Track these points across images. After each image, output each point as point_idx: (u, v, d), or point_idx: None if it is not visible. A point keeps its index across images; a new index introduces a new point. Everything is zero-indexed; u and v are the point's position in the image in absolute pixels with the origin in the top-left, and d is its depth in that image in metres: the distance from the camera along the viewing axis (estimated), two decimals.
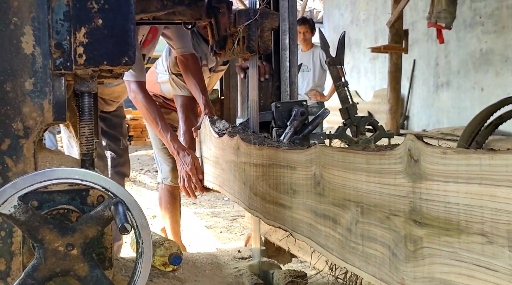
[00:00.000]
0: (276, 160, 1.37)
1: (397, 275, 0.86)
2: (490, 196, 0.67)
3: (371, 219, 0.94)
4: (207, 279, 1.44)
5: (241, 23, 1.54)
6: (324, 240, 1.12)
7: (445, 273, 0.75)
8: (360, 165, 0.97)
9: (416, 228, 0.81)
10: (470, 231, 0.71)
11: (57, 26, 1.15)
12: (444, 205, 0.75)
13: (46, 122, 1.18)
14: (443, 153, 0.75)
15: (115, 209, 0.99)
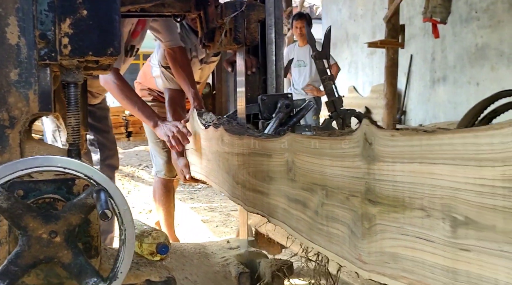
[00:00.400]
0: (254, 149, 1.41)
1: (355, 251, 0.91)
2: (429, 173, 0.72)
3: (334, 201, 0.99)
4: (194, 268, 1.45)
5: (227, 15, 1.54)
6: (295, 223, 1.17)
7: (393, 247, 0.81)
8: (325, 150, 1.03)
9: (370, 207, 0.87)
10: (413, 207, 0.76)
11: (42, 16, 1.16)
12: (392, 184, 0.81)
13: (32, 112, 1.20)
14: (392, 135, 0.81)
15: (97, 197, 1.00)
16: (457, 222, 0.68)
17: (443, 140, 0.70)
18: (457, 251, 0.68)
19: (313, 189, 1.08)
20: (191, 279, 1.42)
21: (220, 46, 1.70)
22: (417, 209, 0.75)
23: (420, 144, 0.75)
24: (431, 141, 0.72)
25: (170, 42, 2.40)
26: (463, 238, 0.68)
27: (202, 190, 5.49)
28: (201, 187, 5.52)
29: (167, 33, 2.39)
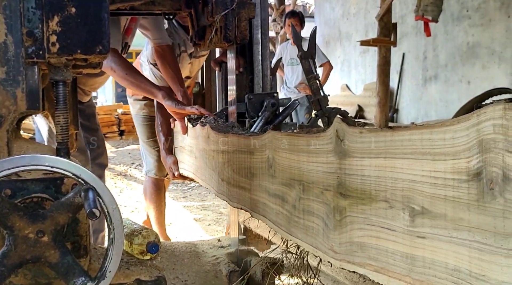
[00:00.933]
0: (238, 146, 1.46)
1: (328, 242, 0.97)
2: (391, 167, 0.78)
3: (310, 195, 1.04)
4: (185, 267, 1.45)
5: (218, 12, 1.54)
6: (275, 217, 1.22)
7: (361, 237, 0.87)
8: (302, 147, 1.08)
9: (341, 200, 0.92)
10: (378, 199, 0.82)
11: (29, 14, 1.15)
12: (361, 178, 0.87)
13: (20, 111, 1.18)
14: (360, 132, 0.87)
15: (85, 195, 1.00)
16: (414, 212, 0.73)
17: (404, 136, 0.76)
18: (414, 239, 0.74)
19: (291, 184, 1.12)
20: (181, 279, 1.41)
21: (211, 44, 1.70)
22: (381, 201, 0.81)
23: (384, 140, 0.80)
24: (394, 137, 0.78)
25: (159, 40, 2.39)
26: (419, 226, 0.73)
27: (195, 188, 5.48)
28: (194, 185, 5.51)
29: (155, 31, 2.38)
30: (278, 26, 8.22)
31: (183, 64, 2.60)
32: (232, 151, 1.51)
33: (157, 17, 2.34)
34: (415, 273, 0.74)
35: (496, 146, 0.60)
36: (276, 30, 8.31)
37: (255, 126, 1.73)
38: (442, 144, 0.68)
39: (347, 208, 0.90)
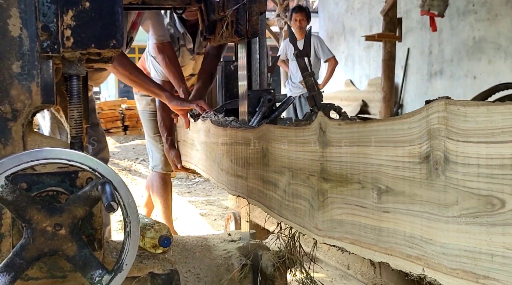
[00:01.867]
0: (236, 138, 1.60)
1: (313, 221, 1.10)
2: (363, 154, 0.92)
3: (298, 180, 1.17)
4: (197, 260, 1.46)
5: (229, 7, 1.54)
6: (269, 202, 1.35)
7: (339, 215, 1.00)
8: (291, 138, 1.21)
9: (324, 183, 1.05)
10: (352, 181, 0.95)
11: (44, 8, 1.15)
12: (339, 163, 1.00)
13: (35, 105, 1.19)
14: (339, 124, 1.00)
15: (102, 189, 1.00)
16: (381, 190, 0.87)
17: (373, 127, 0.90)
18: (381, 213, 0.87)
19: (282, 171, 1.26)
20: (194, 272, 1.42)
21: (221, 39, 1.70)
22: (355, 182, 0.94)
23: (358, 131, 0.94)
24: (365, 128, 0.92)
25: (161, 37, 2.40)
26: (384, 203, 0.86)
27: (200, 184, 5.49)
28: (199, 180, 5.52)
29: (157, 28, 2.39)
30: (282, 21, 8.20)
31: (184, 59, 2.61)
32: (231, 143, 1.63)
33: (159, 14, 2.37)
34: (381, 242, 0.87)
35: (440, 134, 0.73)
36: (280, 25, 8.29)
37: (253, 120, 1.82)
38: (402, 134, 0.82)
39: (328, 190, 1.03)
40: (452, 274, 0.72)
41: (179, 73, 2.40)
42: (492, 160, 0.66)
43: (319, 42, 5.44)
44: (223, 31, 1.63)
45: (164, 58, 2.39)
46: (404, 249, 0.82)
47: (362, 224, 0.92)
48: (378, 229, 0.88)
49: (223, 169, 1.71)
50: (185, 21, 2.47)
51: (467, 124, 0.69)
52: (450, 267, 0.72)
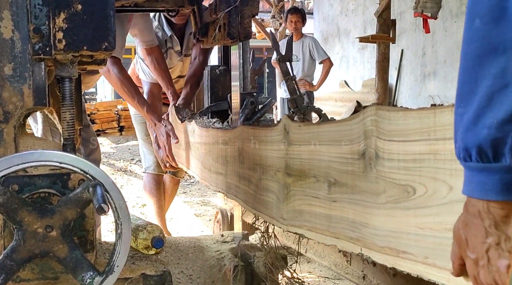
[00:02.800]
0: (217, 138, 1.74)
1: (279, 212, 1.23)
2: (318, 151, 1.04)
3: (267, 176, 1.30)
4: (190, 261, 1.46)
5: (221, 9, 1.55)
6: (244, 196, 1.48)
7: (300, 205, 1.12)
8: (262, 138, 1.34)
9: (288, 178, 1.17)
10: (309, 175, 1.08)
11: (36, 11, 1.16)
12: (300, 160, 1.12)
13: (27, 107, 1.19)
14: (299, 126, 1.13)
15: (93, 191, 1.01)
16: (330, 183, 1.00)
17: (324, 128, 1.04)
18: (331, 203, 1.00)
19: (255, 168, 1.39)
20: (186, 273, 1.43)
21: (214, 41, 1.71)
22: (312, 177, 1.07)
23: (313, 131, 1.07)
24: (319, 129, 1.06)
25: (149, 42, 2.44)
26: (333, 193, 0.99)
27: (195, 184, 5.49)
28: (194, 181, 5.52)
29: (145, 33, 2.43)
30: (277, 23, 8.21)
31: (172, 61, 2.65)
32: (212, 143, 1.79)
33: (147, 19, 2.42)
34: (331, 227, 1.01)
35: (372, 134, 0.86)
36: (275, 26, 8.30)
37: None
38: (345, 134, 0.95)
39: (291, 184, 1.16)
40: (381, 251, 0.85)
41: (167, 76, 2.46)
42: (407, 156, 0.79)
43: (314, 43, 5.46)
44: (215, 33, 1.64)
45: (153, 60, 2.45)
46: (348, 233, 0.95)
47: (317, 213, 1.06)
48: (329, 217, 1.02)
49: (206, 167, 1.87)
50: (173, 24, 2.53)
51: (391, 126, 0.82)
52: (380, 246, 0.86)
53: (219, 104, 2.16)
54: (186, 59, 2.68)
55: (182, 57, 2.66)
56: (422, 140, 0.75)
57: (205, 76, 2.31)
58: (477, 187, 0.55)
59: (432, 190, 0.73)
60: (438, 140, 0.73)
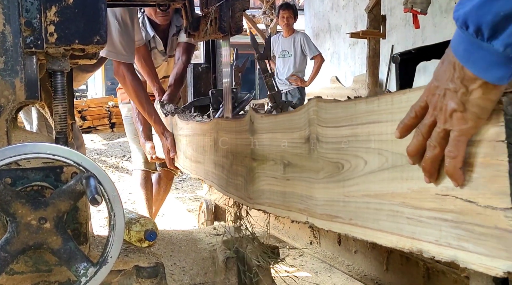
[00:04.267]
0: (196, 130, 1.92)
1: (247, 193, 1.38)
2: (275, 138, 1.20)
3: (237, 161, 1.46)
4: (183, 254, 1.48)
5: (212, 4, 1.56)
6: (219, 181, 1.63)
7: (263, 185, 1.28)
8: (232, 128, 1.50)
9: (253, 162, 1.33)
10: (269, 159, 1.24)
11: (27, 4, 1.16)
12: (262, 147, 1.28)
13: (19, 101, 1.20)
14: (261, 117, 1.29)
15: (87, 183, 1.02)
16: (285, 164, 1.15)
17: (280, 118, 1.21)
18: (285, 181, 1.16)
19: (227, 155, 1.54)
20: (179, 265, 1.44)
21: (205, 35, 1.72)
22: (271, 160, 1.23)
23: (272, 121, 1.23)
24: (276, 119, 1.22)
25: (137, 41, 2.50)
26: (287, 173, 1.15)
27: (187, 180, 5.49)
28: (186, 177, 5.53)
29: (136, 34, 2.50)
30: (268, 19, 8.21)
31: (157, 61, 2.74)
32: (192, 134, 1.97)
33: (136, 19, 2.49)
34: (285, 202, 1.16)
35: (314, 122, 1.02)
36: (266, 22, 8.30)
37: (217, 115, 2.11)
38: (295, 122, 1.10)
39: (256, 167, 1.32)
40: (320, 218, 1.02)
41: (154, 73, 2.59)
42: (338, 138, 0.95)
43: (306, 39, 5.47)
44: (207, 27, 1.65)
45: (140, 58, 2.54)
46: (297, 205, 1.10)
47: (275, 191, 1.22)
48: (284, 193, 1.18)
49: (187, 156, 2.06)
50: (156, 25, 2.64)
51: (327, 115, 0.98)
52: (319, 213, 1.02)
53: (201, 100, 2.36)
54: (170, 60, 2.79)
55: (167, 58, 2.75)
56: (347, 125, 0.92)
57: (189, 73, 2.46)
58: (463, 52, 0.61)
59: (354, 165, 0.90)
60: (358, 125, 0.89)
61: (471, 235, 0.67)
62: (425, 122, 0.67)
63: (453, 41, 0.63)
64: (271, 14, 8.04)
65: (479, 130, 0.64)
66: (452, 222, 0.69)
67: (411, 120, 0.70)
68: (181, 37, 2.63)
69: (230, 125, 1.52)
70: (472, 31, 0.59)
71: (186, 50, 2.60)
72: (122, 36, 2.23)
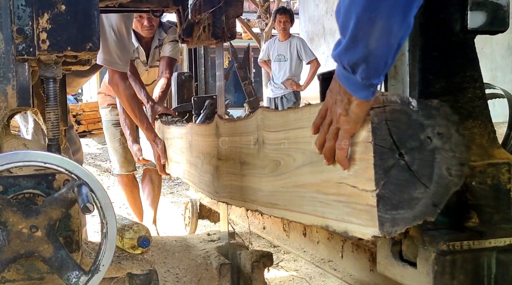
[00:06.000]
0: (174, 134, 2.18)
1: (214, 188, 1.62)
2: (235, 141, 1.42)
3: (206, 161, 1.69)
4: (176, 260, 1.47)
5: (206, 10, 1.56)
6: (193, 179, 1.88)
7: (226, 181, 1.50)
8: (203, 132, 1.74)
9: (218, 162, 1.55)
10: (230, 158, 1.45)
11: (19, 11, 1.16)
12: (225, 148, 1.49)
13: (11, 108, 1.19)
14: (224, 122, 1.52)
15: (79, 191, 1.01)
16: (241, 163, 1.37)
17: (238, 124, 1.42)
18: (242, 177, 1.36)
19: (199, 156, 1.77)
20: (173, 272, 1.44)
21: (199, 41, 1.72)
22: (232, 159, 1.43)
23: (232, 126, 1.46)
24: (235, 124, 1.45)
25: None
26: (243, 170, 1.35)
27: (182, 184, 5.48)
28: (180, 181, 5.52)
29: None
30: (263, 23, 8.23)
31: (139, 69, 2.90)
32: (172, 138, 2.20)
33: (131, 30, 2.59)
34: (242, 195, 1.37)
35: (261, 128, 1.23)
36: (261, 27, 8.32)
37: (198, 120, 2.35)
38: (249, 127, 1.31)
39: (220, 166, 1.53)
40: (265, 206, 1.22)
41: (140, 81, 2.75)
42: (277, 141, 1.15)
43: (302, 44, 5.48)
44: (200, 33, 1.65)
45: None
46: (250, 197, 1.31)
47: (234, 185, 1.42)
48: (240, 187, 1.38)
49: (169, 158, 2.30)
50: (140, 37, 2.86)
51: (270, 122, 1.18)
52: (265, 202, 1.22)
53: (184, 106, 2.63)
54: (151, 70, 2.99)
55: (148, 68, 2.95)
56: (282, 130, 1.12)
57: (173, 81, 2.73)
58: (342, 77, 0.84)
59: (287, 162, 1.09)
60: (289, 130, 1.09)
61: (354, 212, 0.88)
62: (325, 122, 0.90)
63: (336, 68, 0.86)
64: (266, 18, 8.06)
65: (357, 132, 0.85)
66: (344, 202, 0.90)
67: (318, 120, 0.92)
68: (164, 51, 2.87)
69: (201, 130, 1.77)
70: (342, 67, 0.82)
71: (169, 64, 2.85)
72: (118, 45, 2.29)
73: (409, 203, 0.83)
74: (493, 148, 1.10)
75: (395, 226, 0.82)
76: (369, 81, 0.79)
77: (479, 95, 1.13)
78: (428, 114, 0.85)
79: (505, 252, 1.00)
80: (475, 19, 1.12)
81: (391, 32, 0.75)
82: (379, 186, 0.81)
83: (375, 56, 0.77)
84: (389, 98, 0.84)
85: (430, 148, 0.84)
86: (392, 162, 0.82)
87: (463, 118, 1.08)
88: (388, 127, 0.83)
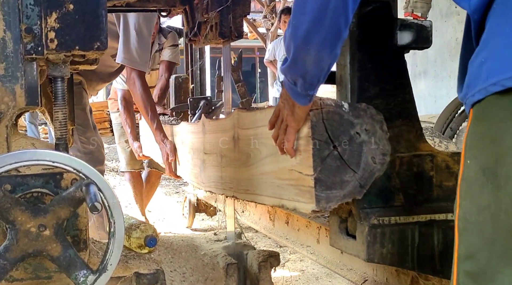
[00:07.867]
0: (170, 132, 2.43)
1: (201, 179, 1.87)
2: (217, 137, 1.64)
3: (195, 155, 1.94)
4: (183, 260, 1.47)
5: (213, 9, 1.56)
6: (185, 173, 2.16)
7: (210, 172, 1.73)
8: (193, 130, 2.00)
9: (205, 156, 1.78)
10: (213, 153, 1.67)
11: (28, 10, 1.16)
12: (210, 144, 1.72)
13: (19, 107, 1.19)
14: (209, 121, 1.76)
15: (87, 190, 1.01)
16: (222, 156, 1.60)
17: (220, 122, 1.66)
18: (221, 168, 1.60)
19: (189, 151, 2.04)
20: (179, 271, 1.43)
21: (206, 41, 1.72)
22: (214, 154, 1.67)
23: (216, 124, 1.69)
24: (217, 123, 1.68)
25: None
26: (223, 162, 1.57)
27: (187, 184, 5.48)
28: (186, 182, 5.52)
29: None
30: (269, 23, 8.23)
31: None
32: (168, 135, 2.42)
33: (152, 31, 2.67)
34: (223, 184, 1.61)
35: (236, 126, 1.44)
36: (267, 27, 8.32)
37: (193, 120, 2.56)
38: (227, 125, 1.50)
39: (206, 159, 1.76)
40: (242, 192, 1.43)
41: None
42: (248, 136, 1.37)
43: None
44: (207, 33, 1.65)
45: None
46: (229, 185, 1.52)
47: (217, 176, 1.65)
48: (220, 177, 1.60)
49: None
50: None
51: (243, 121, 1.39)
52: (241, 189, 1.43)
53: (181, 106, 2.84)
54: (152, 73, 3.12)
55: (149, 71, 3.03)
56: (252, 128, 1.33)
57: (171, 84, 2.96)
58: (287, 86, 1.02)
59: (255, 154, 1.31)
60: (257, 127, 1.30)
61: (300, 192, 1.09)
62: (278, 120, 1.10)
63: (283, 79, 1.04)
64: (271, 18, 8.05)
65: (301, 129, 1.06)
66: (294, 186, 1.12)
67: (273, 118, 1.12)
68: (164, 56, 3.04)
69: (191, 128, 2.02)
70: (287, 79, 1.02)
71: (168, 68, 3.05)
72: (138, 44, 2.36)
73: (341, 185, 1.05)
74: (419, 142, 1.25)
75: (329, 202, 1.04)
76: (306, 92, 0.99)
77: (408, 99, 1.30)
78: (357, 114, 1.06)
79: (426, 226, 1.19)
80: (403, 38, 1.31)
81: (321, 60, 0.94)
82: (316, 171, 1.03)
83: (310, 75, 0.97)
84: (325, 102, 1.05)
85: (359, 141, 1.06)
86: (327, 152, 1.04)
87: (394, 117, 1.24)
88: (325, 124, 1.04)
